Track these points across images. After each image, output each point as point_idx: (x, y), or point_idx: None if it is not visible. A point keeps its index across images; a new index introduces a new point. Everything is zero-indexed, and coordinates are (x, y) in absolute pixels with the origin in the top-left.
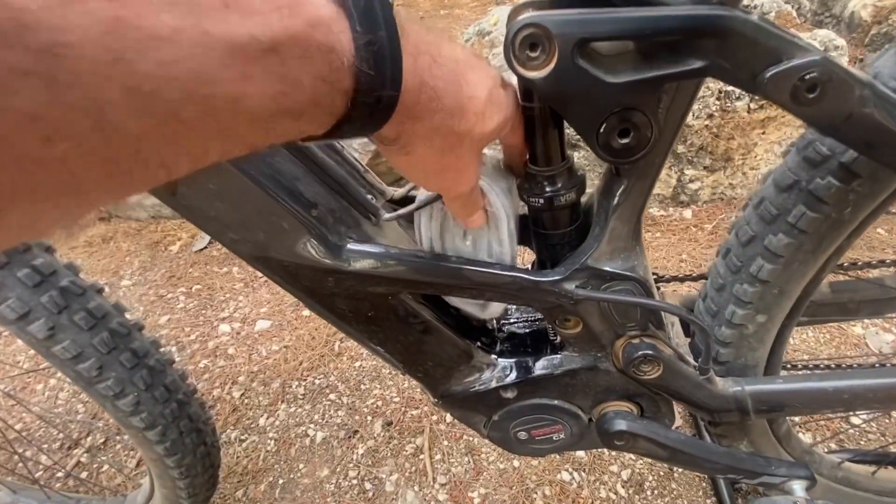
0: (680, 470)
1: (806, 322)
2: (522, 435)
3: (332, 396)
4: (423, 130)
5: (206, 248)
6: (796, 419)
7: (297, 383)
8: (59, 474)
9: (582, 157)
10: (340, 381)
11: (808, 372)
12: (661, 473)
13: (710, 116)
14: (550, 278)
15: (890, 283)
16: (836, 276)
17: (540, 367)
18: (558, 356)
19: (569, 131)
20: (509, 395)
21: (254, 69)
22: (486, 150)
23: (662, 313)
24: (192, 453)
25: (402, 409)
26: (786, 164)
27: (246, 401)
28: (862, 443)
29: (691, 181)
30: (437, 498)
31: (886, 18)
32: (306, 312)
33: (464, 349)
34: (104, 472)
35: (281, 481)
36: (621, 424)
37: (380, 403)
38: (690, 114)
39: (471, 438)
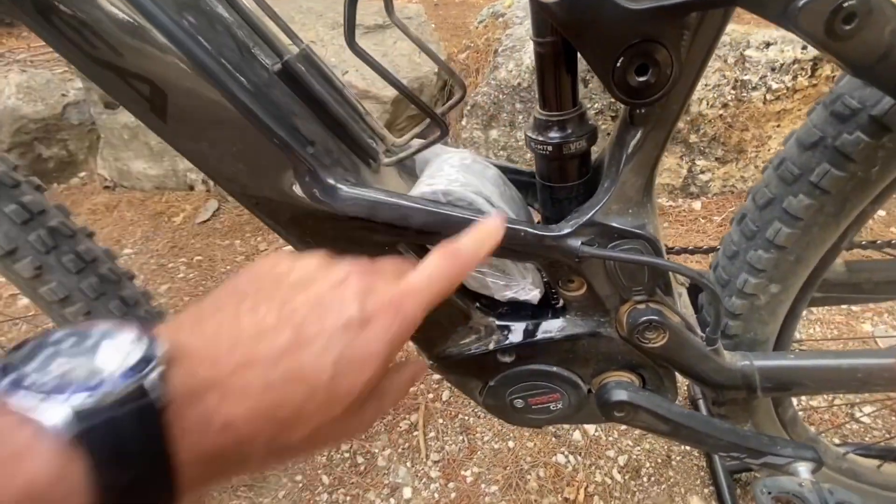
0: (678, 457)
1: (819, 300)
2: (519, 403)
3: None
4: (244, 468)
5: (209, 220)
6: (814, 404)
7: None
8: None
9: None
10: None
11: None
12: (659, 461)
13: (725, 106)
14: (555, 233)
15: None
16: (852, 257)
17: (540, 330)
18: (559, 320)
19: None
20: (507, 359)
21: None
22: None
23: (671, 278)
24: None
25: None
26: (810, 121)
27: None
28: (867, 438)
29: (702, 172)
30: (430, 475)
31: None
32: None
33: (462, 309)
34: None
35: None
36: (622, 394)
37: None
38: (704, 103)
39: (466, 417)
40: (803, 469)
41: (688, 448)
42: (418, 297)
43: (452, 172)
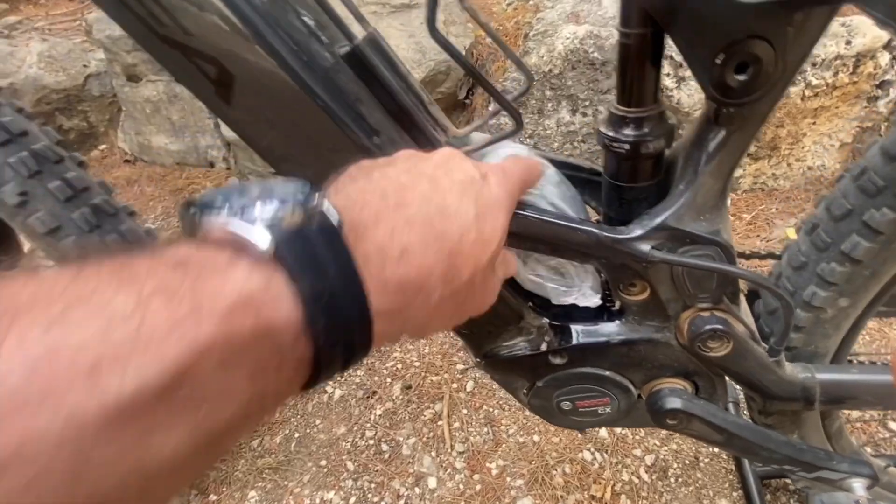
0: (706, 459)
1: (884, 312)
2: (566, 405)
3: None
4: (420, 315)
5: None
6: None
7: None
8: None
9: None
10: None
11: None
12: (687, 462)
13: None
14: (626, 236)
15: None
16: None
17: (595, 334)
18: (615, 324)
19: None
20: (558, 361)
21: (152, 419)
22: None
23: (739, 286)
24: None
25: (422, 374)
26: None
27: None
28: None
29: None
30: (455, 466)
31: None
32: None
33: (515, 309)
34: None
35: (297, 435)
36: (676, 403)
37: (400, 366)
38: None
39: (490, 409)
40: (858, 485)
41: (716, 450)
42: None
43: None
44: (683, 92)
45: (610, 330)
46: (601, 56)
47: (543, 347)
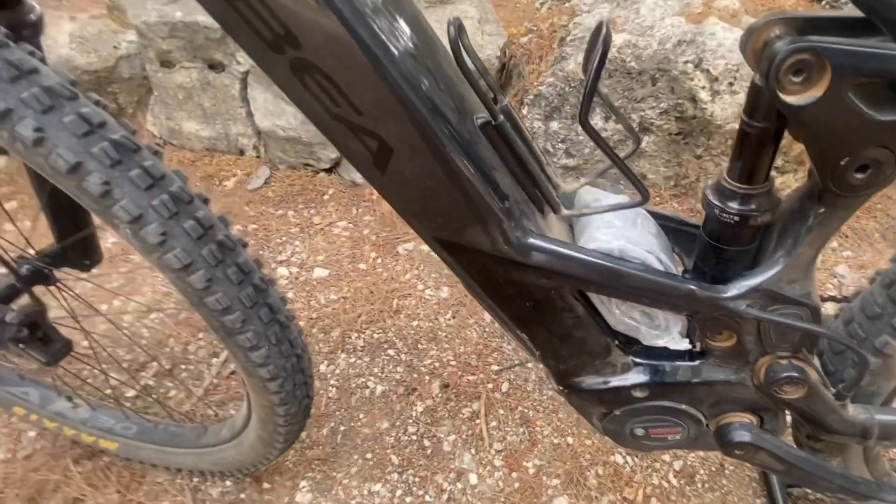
0: (731, 468)
1: None
2: (639, 432)
3: (390, 352)
4: None
5: (260, 188)
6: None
7: (356, 335)
8: (129, 394)
9: (651, 141)
10: (398, 338)
11: None
12: (713, 469)
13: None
14: (724, 294)
15: None
16: None
17: (677, 373)
18: (697, 364)
19: None
20: (639, 394)
21: None
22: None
23: (818, 341)
24: (298, 404)
25: (459, 373)
26: None
27: (307, 346)
28: None
29: None
30: (494, 463)
31: None
32: (363, 265)
33: (604, 346)
34: (172, 398)
35: (342, 428)
36: (745, 436)
37: (437, 364)
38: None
39: (525, 410)
40: None
41: None
42: None
43: (620, 225)
44: (717, 105)
45: (692, 370)
46: (638, 66)
47: (628, 382)
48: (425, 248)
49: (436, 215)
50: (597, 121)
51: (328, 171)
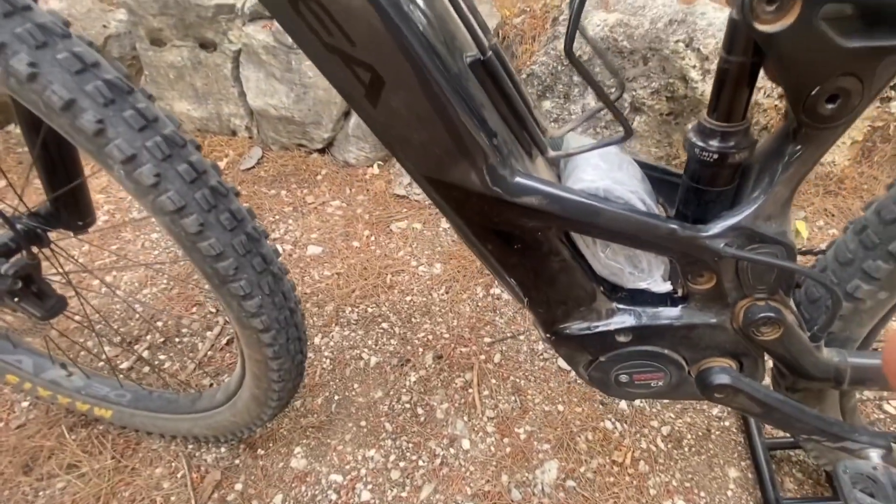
0: (717, 432)
1: None
2: (624, 378)
3: (384, 325)
4: None
5: (253, 167)
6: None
7: (350, 309)
8: (123, 365)
9: (643, 121)
10: (392, 312)
11: None
12: (700, 433)
13: (781, 97)
14: (704, 233)
15: None
16: None
17: (660, 317)
18: (679, 309)
19: None
20: (623, 339)
21: None
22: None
23: (794, 280)
24: (292, 359)
25: (452, 345)
26: None
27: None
28: (892, 428)
29: None
30: (486, 430)
31: None
32: (356, 243)
33: (590, 292)
34: (166, 370)
35: (337, 397)
36: (725, 378)
37: (430, 337)
38: (762, 92)
39: (517, 380)
40: (874, 454)
41: (727, 424)
42: None
43: (605, 168)
44: (708, 84)
45: (674, 314)
46: (630, 45)
47: (612, 327)
48: (419, 225)
49: (425, 151)
50: (589, 100)
51: (321, 151)
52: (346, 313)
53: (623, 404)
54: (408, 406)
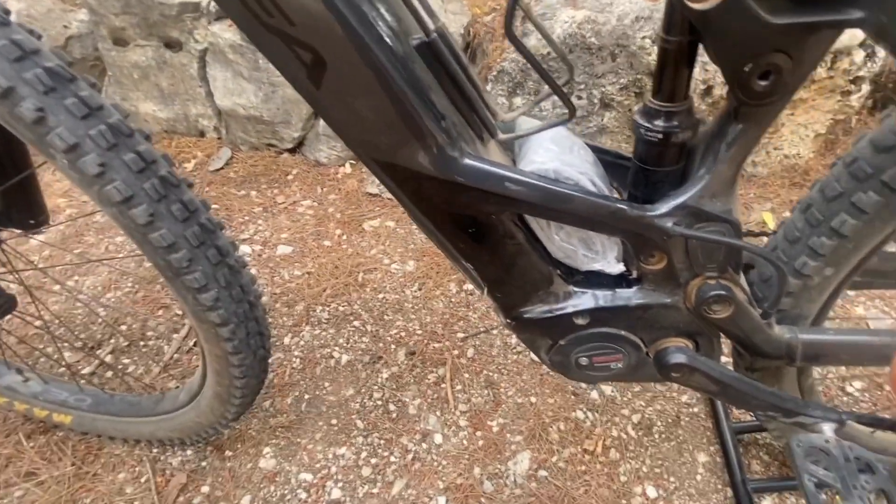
0: (687, 418)
1: (858, 282)
2: (583, 361)
3: (356, 323)
4: None
5: (222, 168)
6: (817, 376)
7: (321, 308)
8: (85, 370)
9: (612, 117)
10: (364, 310)
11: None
12: (669, 420)
13: None
14: (652, 213)
15: None
16: None
17: (616, 298)
18: (634, 290)
19: None
20: (581, 321)
21: None
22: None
23: (742, 258)
24: (254, 354)
25: (425, 341)
26: (887, 126)
27: (270, 320)
28: (855, 409)
29: None
30: (459, 423)
31: None
32: (328, 242)
33: (546, 275)
34: (130, 373)
35: (307, 396)
36: (681, 357)
37: (403, 334)
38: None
39: (490, 374)
40: (828, 428)
41: (695, 410)
42: None
43: (556, 150)
44: None
45: (629, 295)
46: (598, 41)
47: (569, 310)
48: (391, 223)
49: (373, 134)
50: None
51: (292, 151)
52: (317, 312)
53: (594, 394)
54: (379, 403)
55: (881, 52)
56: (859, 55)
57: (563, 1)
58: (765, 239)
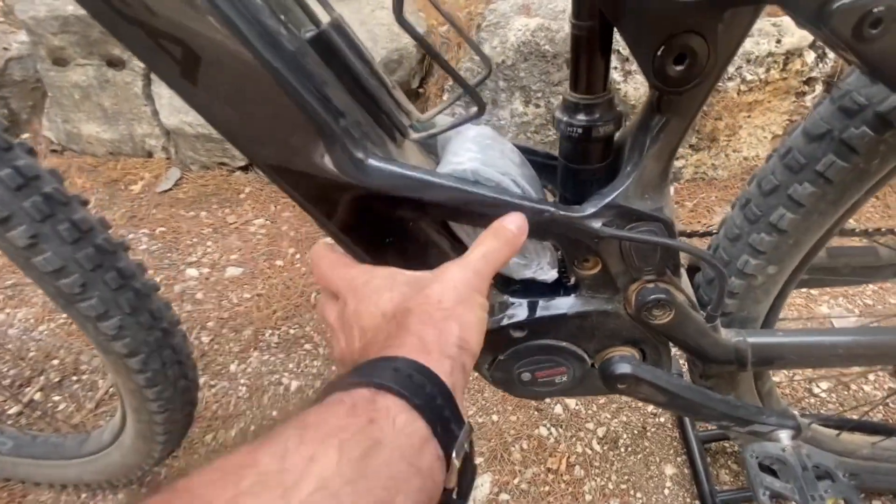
0: (653, 429)
1: (804, 282)
2: (526, 376)
3: (307, 346)
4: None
5: (171, 189)
6: (777, 380)
7: (270, 332)
8: (11, 411)
9: None
10: (316, 332)
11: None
12: (635, 432)
13: None
14: (579, 214)
15: (883, 251)
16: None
17: (552, 307)
18: (571, 298)
19: None
20: (518, 334)
21: None
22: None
23: (680, 259)
24: (173, 386)
25: None
26: (818, 114)
27: (216, 346)
28: (822, 410)
29: (676, 158)
30: None
31: None
32: (279, 262)
33: None
34: (60, 411)
35: (253, 427)
36: (626, 368)
37: None
38: None
39: None
40: (784, 436)
41: (662, 420)
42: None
43: (476, 150)
44: (630, 85)
45: (566, 303)
46: (552, 49)
47: (505, 322)
48: None
49: (262, 136)
50: (517, 105)
51: (244, 168)
52: (266, 336)
53: (558, 408)
54: None
55: (832, 54)
56: (810, 56)
57: (516, 8)
58: (708, 239)
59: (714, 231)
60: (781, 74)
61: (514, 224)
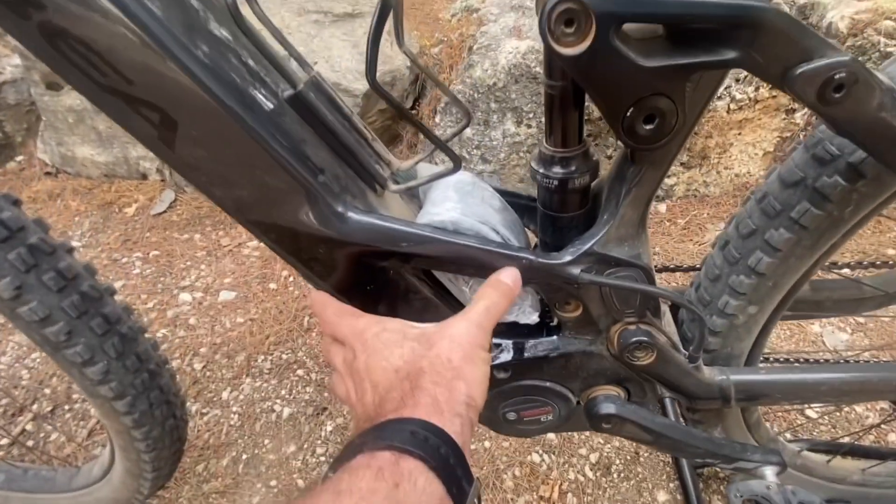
0: (646, 454)
1: (788, 316)
2: (511, 415)
3: (299, 372)
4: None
5: (165, 212)
6: (763, 410)
7: (262, 357)
8: (3, 441)
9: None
10: (309, 357)
11: (787, 365)
12: (628, 458)
13: None
14: (558, 261)
15: (866, 284)
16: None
17: (535, 349)
18: (554, 339)
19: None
20: (502, 375)
21: None
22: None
23: (660, 301)
24: (161, 426)
25: None
26: (793, 161)
27: (208, 373)
28: (814, 433)
29: (668, 176)
30: None
31: (862, 31)
32: (273, 285)
33: None
34: (52, 441)
35: (245, 456)
36: (610, 408)
37: None
38: None
39: None
40: (769, 472)
41: None
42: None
43: (456, 199)
44: None
45: (549, 344)
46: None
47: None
48: None
49: (242, 194)
50: (509, 126)
51: None
52: (259, 362)
53: (551, 435)
54: (323, 459)
55: None
56: None
57: (507, 31)
58: (692, 274)
59: (697, 266)
60: (771, 92)
61: (509, 277)
